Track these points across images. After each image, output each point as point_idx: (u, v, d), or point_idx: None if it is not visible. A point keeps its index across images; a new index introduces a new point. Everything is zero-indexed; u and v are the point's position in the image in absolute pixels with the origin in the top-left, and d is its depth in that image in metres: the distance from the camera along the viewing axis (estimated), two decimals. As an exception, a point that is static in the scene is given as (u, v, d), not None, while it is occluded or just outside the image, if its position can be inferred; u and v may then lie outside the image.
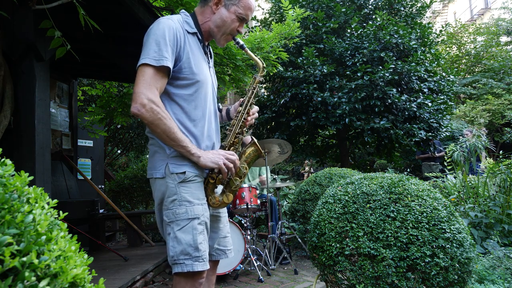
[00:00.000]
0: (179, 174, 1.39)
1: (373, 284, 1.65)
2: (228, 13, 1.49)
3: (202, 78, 1.47)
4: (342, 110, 5.61)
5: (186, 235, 1.35)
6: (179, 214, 1.36)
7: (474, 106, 9.90)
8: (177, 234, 1.35)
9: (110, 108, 4.95)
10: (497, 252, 2.47)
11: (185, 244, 1.34)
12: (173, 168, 1.39)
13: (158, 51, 1.35)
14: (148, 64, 1.34)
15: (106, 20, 3.04)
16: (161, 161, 1.42)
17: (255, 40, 3.56)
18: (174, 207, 1.37)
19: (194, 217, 1.37)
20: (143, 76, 1.34)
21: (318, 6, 6.44)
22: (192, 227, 1.36)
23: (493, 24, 14.19)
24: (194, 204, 1.38)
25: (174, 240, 1.35)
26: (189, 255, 1.34)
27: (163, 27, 1.38)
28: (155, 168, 1.43)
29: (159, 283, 3.37)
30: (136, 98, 1.33)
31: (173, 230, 1.36)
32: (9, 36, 2.30)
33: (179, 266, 1.34)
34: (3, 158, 0.74)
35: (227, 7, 1.49)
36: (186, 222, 1.36)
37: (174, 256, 1.35)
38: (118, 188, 6.56)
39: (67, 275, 0.66)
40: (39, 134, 2.29)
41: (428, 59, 6.44)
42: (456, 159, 3.96)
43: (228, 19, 1.50)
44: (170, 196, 1.38)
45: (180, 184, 1.38)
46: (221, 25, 1.51)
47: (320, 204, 2.07)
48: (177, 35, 1.40)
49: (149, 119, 1.33)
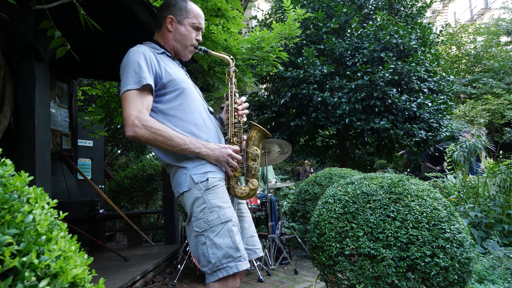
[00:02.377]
0: (203, 182, 1.42)
1: (373, 284, 1.65)
2: (184, 26, 1.59)
3: (186, 86, 1.52)
4: (342, 110, 5.61)
5: (225, 239, 1.36)
6: (212, 220, 1.37)
7: (474, 106, 9.89)
8: (215, 240, 1.36)
9: (110, 108, 4.95)
10: (497, 252, 2.47)
11: (225, 247, 1.35)
12: (197, 178, 1.42)
13: (135, 75, 1.40)
14: (130, 89, 1.39)
15: (106, 20, 3.04)
16: (183, 175, 1.44)
17: (255, 40, 3.56)
18: (205, 216, 1.38)
19: (227, 220, 1.39)
20: (127, 100, 1.39)
21: (319, 6, 6.44)
22: (228, 230, 1.37)
23: (493, 24, 14.19)
24: (224, 208, 1.40)
25: (213, 247, 1.35)
26: (231, 257, 1.35)
27: (133, 55, 1.45)
28: (180, 184, 1.45)
29: (159, 283, 3.37)
30: (127, 122, 1.37)
31: (209, 237, 1.36)
32: (9, 36, 2.30)
33: (223, 270, 1.34)
34: (3, 158, 0.74)
35: (181, 22, 1.59)
36: (221, 226, 1.37)
37: (216, 262, 1.34)
38: (118, 188, 6.56)
39: (67, 275, 0.66)
40: (39, 134, 2.29)
41: (428, 59, 6.44)
42: (456, 159, 3.96)
43: (186, 32, 1.59)
44: (199, 206, 1.40)
45: (206, 192, 1.41)
46: (181, 39, 1.60)
47: (320, 204, 2.07)
48: (148, 56, 1.46)
49: (146, 135, 1.37)
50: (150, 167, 6.73)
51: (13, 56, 2.31)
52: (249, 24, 10.41)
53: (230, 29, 3.22)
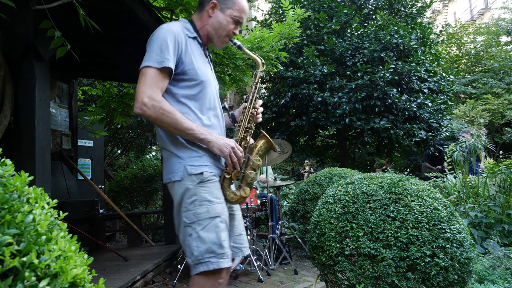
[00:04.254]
0: (197, 175, 1.41)
1: (373, 284, 1.65)
2: (224, 16, 1.56)
3: (205, 79, 1.51)
4: (342, 110, 5.61)
5: (210, 234, 1.36)
6: (201, 213, 1.37)
7: (474, 106, 9.89)
8: (200, 234, 1.36)
9: (110, 108, 4.95)
10: (497, 252, 2.47)
11: (209, 242, 1.35)
12: (191, 170, 1.41)
13: (160, 53, 1.39)
14: (150, 66, 1.38)
15: (106, 20, 3.04)
16: (178, 164, 1.43)
17: (255, 40, 3.56)
18: (194, 208, 1.38)
19: (216, 216, 1.39)
20: (145, 77, 1.38)
21: (320, 6, 6.44)
22: (215, 225, 1.37)
23: (493, 24, 14.18)
24: (214, 203, 1.40)
25: (198, 240, 1.36)
26: (214, 253, 1.35)
27: (165, 32, 1.43)
28: (172, 171, 1.44)
29: (159, 283, 3.37)
30: (137, 98, 1.36)
31: (196, 230, 1.37)
32: (9, 36, 2.30)
33: (204, 265, 1.34)
34: (3, 158, 0.74)
35: (223, 11, 1.56)
36: (208, 221, 1.37)
37: (199, 256, 1.35)
38: (118, 188, 6.56)
39: (67, 275, 0.66)
40: (39, 134, 2.29)
41: (428, 59, 6.44)
42: (456, 159, 3.96)
43: (224, 21, 1.56)
44: (190, 197, 1.40)
45: (199, 185, 1.40)
46: (218, 27, 1.56)
47: (320, 204, 2.07)
48: (178, 39, 1.44)
49: (153, 116, 1.36)
50: (150, 167, 6.73)
51: (13, 56, 2.31)
52: (249, 26, 10.39)
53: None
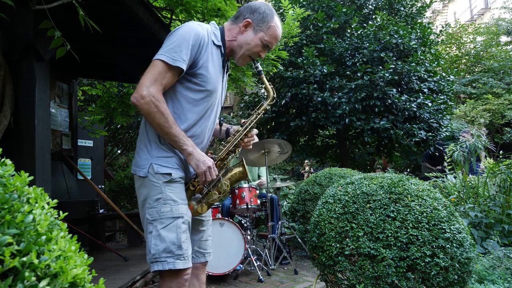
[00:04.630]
0: (164, 175, 1.41)
1: (373, 284, 1.65)
2: (254, 37, 1.53)
3: (212, 89, 1.49)
4: (342, 110, 5.61)
5: (170, 233, 1.36)
6: (164, 212, 1.37)
7: (475, 106, 9.89)
8: (160, 232, 1.36)
9: (110, 108, 4.95)
10: (497, 252, 2.47)
11: (168, 242, 1.35)
12: (158, 168, 1.41)
13: (179, 51, 1.37)
14: (163, 61, 1.36)
15: (106, 20, 3.04)
16: (145, 160, 1.44)
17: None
18: (158, 206, 1.38)
19: (178, 216, 1.38)
20: (154, 69, 1.36)
21: (319, 6, 6.44)
22: (176, 226, 1.37)
23: (493, 24, 14.18)
24: (178, 203, 1.40)
25: (157, 238, 1.36)
26: (171, 253, 1.35)
27: (191, 31, 1.41)
28: (139, 166, 1.45)
29: (159, 283, 3.37)
30: (138, 89, 1.35)
31: (156, 228, 1.37)
32: (9, 36, 2.30)
33: (159, 264, 1.35)
34: (3, 158, 0.74)
35: (255, 32, 1.53)
36: (170, 220, 1.37)
37: (155, 254, 1.35)
38: (118, 188, 6.55)
39: (67, 275, 0.66)
40: (39, 134, 2.28)
41: (428, 59, 6.44)
42: (456, 159, 3.96)
43: (253, 43, 1.54)
44: (155, 194, 1.39)
45: (166, 184, 1.40)
46: (244, 46, 1.54)
47: (320, 204, 2.07)
48: (201, 42, 1.42)
49: (146, 111, 1.35)
50: (150, 167, 6.71)
51: (13, 56, 2.31)
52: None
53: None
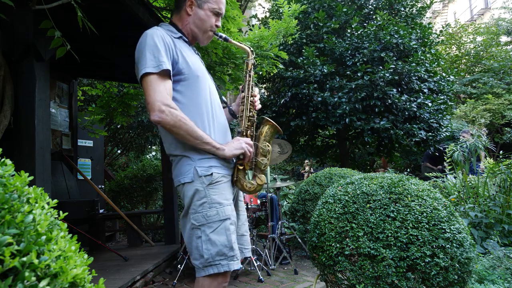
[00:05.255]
0: (207, 177, 1.40)
1: (373, 284, 1.65)
2: (203, 11, 1.55)
3: (201, 74, 1.50)
4: (342, 110, 5.61)
5: (220, 236, 1.36)
6: (211, 216, 1.37)
7: (475, 106, 9.89)
8: (210, 236, 1.36)
9: (110, 108, 4.95)
10: (497, 252, 2.47)
11: (220, 245, 1.35)
12: (201, 171, 1.40)
13: (154, 58, 1.38)
14: (150, 73, 1.37)
15: (106, 20, 3.05)
16: (188, 166, 1.42)
17: (254, 39, 3.57)
18: (204, 210, 1.38)
19: (225, 218, 1.39)
20: (150, 85, 1.37)
21: (320, 5, 6.45)
22: (225, 228, 1.38)
23: (493, 24, 14.17)
24: (224, 205, 1.40)
25: (208, 243, 1.35)
26: (224, 255, 1.35)
27: (151, 37, 1.42)
28: (182, 174, 1.43)
29: (159, 283, 3.37)
30: (153, 108, 1.35)
31: (205, 232, 1.36)
32: (9, 36, 2.30)
33: (214, 267, 1.34)
34: (3, 158, 0.74)
35: (201, 6, 1.55)
36: (218, 223, 1.37)
37: (209, 258, 1.35)
38: (118, 188, 6.55)
39: (67, 275, 0.66)
40: (39, 134, 2.28)
41: (428, 59, 6.44)
42: (456, 159, 3.96)
43: (205, 17, 1.55)
44: (199, 199, 1.39)
45: (209, 187, 1.40)
46: (200, 24, 1.56)
47: (320, 204, 2.07)
48: (165, 40, 1.43)
49: (171, 123, 1.35)
50: (150, 167, 6.72)
51: (13, 56, 2.31)
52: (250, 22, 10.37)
53: (230, 29, 3.22)
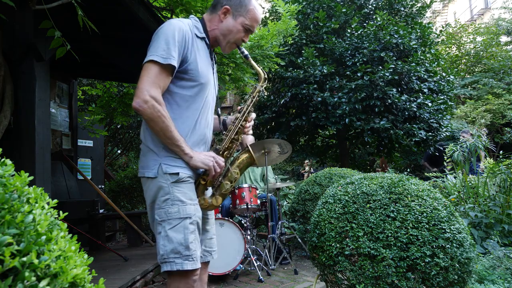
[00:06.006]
0: (172, 175, 1.41)
1: (373, 284, 1.65)
2: (235, 23, 1.53)
3: (205, 81, 1.50)
4: (342, 110, 5.61)
5: (178, 234, 1.36)
6: (171, 213, 1.38)
7: (475, 106, 9.88)
8: (168, 233, 1.37)
9: (110, 108, 4.95)
10: (497, 252, 2.47)
11: (176, 243, 1.36)
12: (166, 168, 1.40)
13: (167, 49, 1.37)
14: (155, 61, 1.36)
15: (106, 20, 3.04)
16: (153, 161, 1.43)
17: (254, 38, 3.57)
18: (166, 206, 1.39)
19: (186, 217, 1.39)
20: (149, 72, 1.37)
21: (319, 6, 6.45)
22: (183, 226, 1.38)
23: (493, 24, 14.17)
24: (186, 204, 1.40)
25: (165, 239, 1.37)
26: (179, 254, 1.35)
27: (174, 28, 1.41)
28: (148, 167, 1.44)
29: (159, 283, 3.37)
30: (139, 94, 1.35)
31: (165, 229, 1.38)
32: (9, 36, 2.30)
33: (168, 264, 1.35)
34: (3, 158, 0.73)
35: (235, 17, 1.53)
36: (178, 221, 1.38)
37: (164, 255, 1.36)
38: (118, 188, 6.56)
39: (67, 275, 0.66)
40: (39, 134, 2.29)
41: (428, 59, 6.44)
42: (456, 159, 3.96)
43: (234, 29, 1.54)
44: (163, 195, 1.40)
45: (173, 184, 1.40)
46: (227, 34, 1.55)
47: (320, 204, 2.07)
48: (186, 37, 1.43)
49: (150, 116, 1.35)
50: (150, 167, 6.71)
51: (13, 56, 2.31)
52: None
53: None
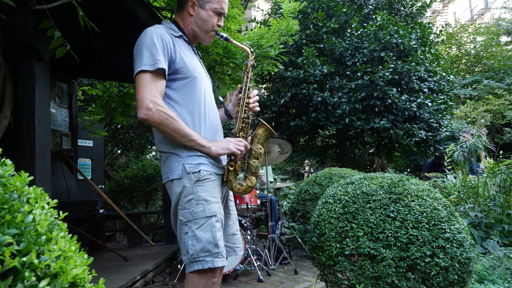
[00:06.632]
0: (195, 173, 1.42)
1: (373, 284, 1.65)
2: (205, 11, 1.56)
3: (197, 75, 1.52)
4: (342, 110, 5.61)
5: (205, 233, 1.38)
6: (197, 213, 1.39)
7: (475, 106, 9.88)
8: (196, 233, 1.38)
9: (110, 108, 4.95)
10: (497, 252, 2.47)
11: (205, 241, 1.37)
12: (190, 168, 1.42)
13: (151, 56, 1.40)
14: (145, 71, 1.39)
15: (106, 20, 3.04)
16: (176, 163, 1.45)
17: (254, 38, 3.56)
18: (191, 207, 1.40)
19: (212, 215, 1.40)
20: (142, 82, 1.39)
21: (319, 6, 6.45)
22: (210, 225, 1.39)
23: (493, 24, 14.17)
24: (211, 203, 1.41)
25: (193, 239, 1.37)
26: (209, 252, 1.37)
27: (151, 34, 1.44)
28: (171, 170, 1.45)
29: (159, 283, 3.37)
30: (141, 104, 1.37)
31: (191, 228, 1.39)
32: (9, 36, 2.30)
33: (199, 263, 1.36)
34: (3, 158, 0.73)
35: (203, 6, 1.56)
36: (204, 220, 1.39)
37: (194, 254, 1.37)
38: (118, 188, 6.56)
39: (67, 275, 0.66)
40: (39, 134, 2.29)
41: (428, 59, 6.43)
42: (456, 159, 3.96)
43: (207, 17, 1.57)
44: (187, 196, 1.41)
45: (196, 184, 1.41)
46: (201, 24, 1.58)
47: (320, 204, 2.07)
48: (165, 39, 1.45)
49: (158, 121, 1.37)
50: (150, 167, 6.73)
51: (13, 56, 2.31)
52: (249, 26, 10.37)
53: (230, 28, 3.22)
